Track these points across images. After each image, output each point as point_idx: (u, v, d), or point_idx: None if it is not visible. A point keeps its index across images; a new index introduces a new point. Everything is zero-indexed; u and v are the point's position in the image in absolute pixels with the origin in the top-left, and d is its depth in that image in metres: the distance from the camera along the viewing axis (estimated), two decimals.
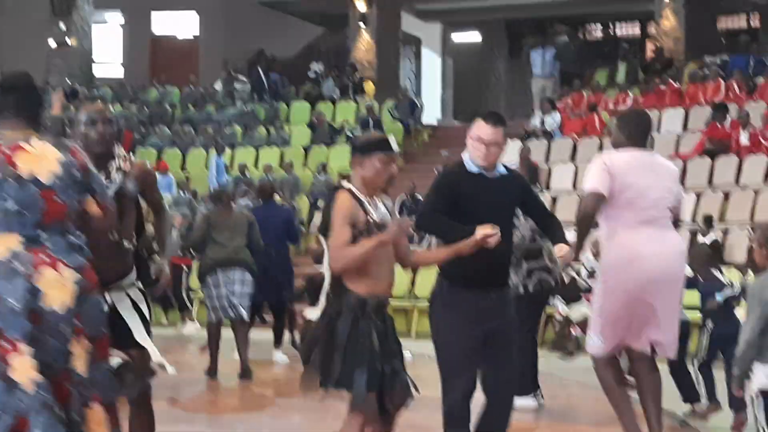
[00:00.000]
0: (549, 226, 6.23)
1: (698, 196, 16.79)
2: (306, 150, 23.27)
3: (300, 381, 5.19)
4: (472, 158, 5.91)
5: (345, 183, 5.28)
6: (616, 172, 6.39)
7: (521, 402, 8.74)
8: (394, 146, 5.33)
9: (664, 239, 6.55)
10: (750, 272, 13.10)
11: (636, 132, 6.66)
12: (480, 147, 5.83)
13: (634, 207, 6.42)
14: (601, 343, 6.56)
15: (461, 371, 5.78)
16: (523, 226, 8.49)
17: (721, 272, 8.76)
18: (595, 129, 19.97)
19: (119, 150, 5.32)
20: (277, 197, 15.40)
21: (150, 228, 5.67)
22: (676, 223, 6.79)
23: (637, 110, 7.83)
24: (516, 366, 6.11)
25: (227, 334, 10.67)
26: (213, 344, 10.77)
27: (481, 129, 5.85)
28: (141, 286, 5.26)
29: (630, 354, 6.76)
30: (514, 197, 6.04)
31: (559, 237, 6.08)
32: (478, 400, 5.90)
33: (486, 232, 5.41)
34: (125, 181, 5.23)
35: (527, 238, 8.67)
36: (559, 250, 6.01)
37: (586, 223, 6.49)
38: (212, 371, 10.57)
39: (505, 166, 6.08)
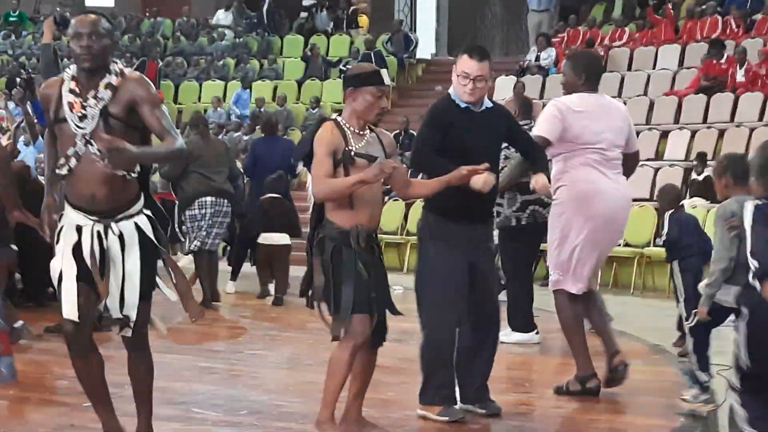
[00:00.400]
0: (533, 158, 6.30)
1: (693, 133, 16.74)
2: (299, 84, 23.13)
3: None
4: (458, 94, 5.92)
5: (334, 115, 5.31)
6: (572, 118, 6.49)
7: (520, 337, 8.80)
8: (387, 80, 5.28)
9: (618, 180, 6.67)
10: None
11: (591, 75, 6.75)
12: (466, 82, 5.83)
13: (590, 149, 6.50)
14: (572, 283, 6.57)
15: (449, 304, 5.79)
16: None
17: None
18: None
19: (116, 66, 4.84)
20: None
21: None
22: (634, 165, 6.96)
23: (590, 52, 7.97)
24: (497, 299, 6.18)
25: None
26: (203, 274, 10.78)
27: (465, 64, 5.84)
28: (150, 212, 5.01)
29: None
30: (501, 131, 6.06)
31: (539, 168, 6.18)
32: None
33: (478, 168, 5.44)
34: (111, 100, 4.73)
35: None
36: (535, 181, 6.11)
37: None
38: (206, 301, 10.55)
39: (490, 100, 6.09)
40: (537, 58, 20.90)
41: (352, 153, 5.18)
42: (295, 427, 5.73)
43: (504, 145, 6.37)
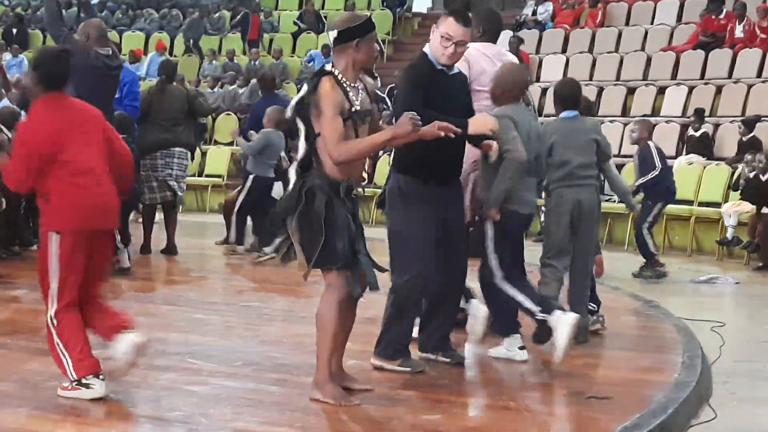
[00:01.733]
0: None
1: (691, 89, 16.68)
2: (294, 37, 23.02)
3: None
4: (435, 55, 5.95)
5: (328, 67, 5.22)
6: (472, 60, 6.63)
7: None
8: None
9: None
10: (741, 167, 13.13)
11: (490, 28, 7.03)
12: (448, 44, 5.87)
13: (484, 92, 6.61)
14: None
15: (418, 263, 5.82)
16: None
17: None
18: (588, 20, 19.76)
19: None
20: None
21: None
22: None
23: (492, 10, 8.31)
24: (465, 255, 6.20)
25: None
26: (147, 223, 11.02)
27: (451, 27, 5.88)
28: None
29: None
30: (468, 94, 6.17)
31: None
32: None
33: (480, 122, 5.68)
34: None
35: None
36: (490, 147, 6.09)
37: None
38: (145, 247, 10.89)
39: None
40: (534, 13, 20.81)
41: (358, 110, 5.16)
42: (289, 378, 5.75)
43: None
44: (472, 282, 6.44)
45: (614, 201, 12.72)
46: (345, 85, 5.18)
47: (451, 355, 6.21)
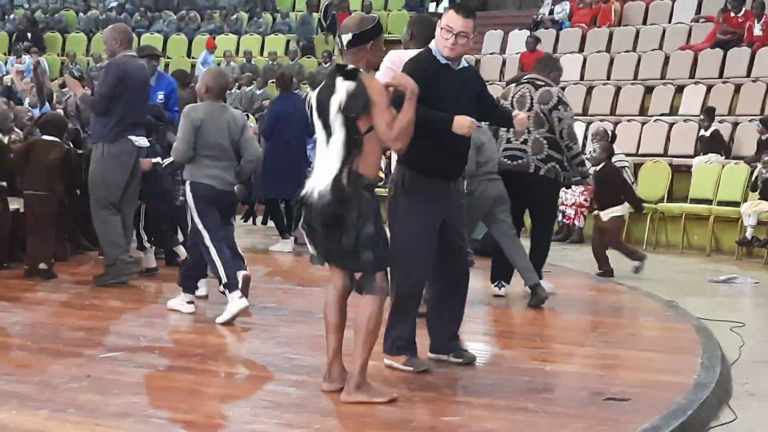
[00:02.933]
0: (498, 116, 6.66)
1: (709, 88, 16.62)
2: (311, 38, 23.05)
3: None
4: (438, 48, 6.00)
5: (348, 66, 5.25)
6: (398, 68, 6.72)
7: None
8: None
9: None
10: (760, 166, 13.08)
11: (419, 33, 7.30)
12: (448, 36, 5.91)
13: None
14: None
15: (420, 258, 5.85)
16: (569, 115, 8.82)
17: None
18: (605, 19, 19.72)
19: None
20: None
21: None
22: None
23: (428, 16, 8.74)
24: (467, 252, 6.31)
25: None
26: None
27: (451, 19, 5.93)
28: None
29: None
30: (474, 89, 6.16)
31: (509, 117, 6.53)
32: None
33: (465, 124, 5.74)
34: None
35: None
36: (515, 116, 6.42)
37: None
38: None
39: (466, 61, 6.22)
40: (551, 12, 20.78)
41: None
42: (308, 380, 5.75)
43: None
44: None
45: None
46: None
47: (462, 354, 6.23)
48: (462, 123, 5.76)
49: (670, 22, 19.16)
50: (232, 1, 24.75)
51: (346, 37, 5.28)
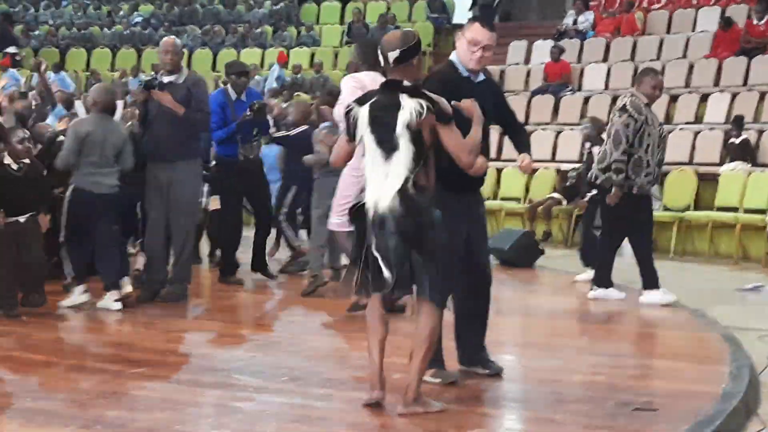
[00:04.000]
0: (516, 135, 6.42)
1: (733, 96, 16.55)
2: (336, 51, 23.11)
3: None
4: (463, 61, 6.02)
5: (406, 83, 5.31)
6: (368, 88, 7.01)
7: (651, 297, 8.92)
8: None
9: None
10: None
11: (373, 57, 7.30)
12: (475, 50, 5.94)
13: None
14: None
15: (448, 271, 5.83)
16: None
17: None
18: (628, 28, 19.67)
19: None
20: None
21: None
22: None
23: (371, 40, 9.09)
24: (489, 264, 6.36)
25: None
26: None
27: (477, 32, 5.95)
28: None
29: None
30: (493, 102, 6.17)
31: (523, 147, 6.29)
32: None
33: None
34: None
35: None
36: (522, 159, 6.19)
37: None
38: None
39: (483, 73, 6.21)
40: (574, 22, 20.75)
41: None
42: (335, 393, 5.76)
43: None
44: None
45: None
46: None
47: (490, 366, 6.23)
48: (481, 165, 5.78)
49: (693, 30, 19.09)
50: (256, 15, 24.83)
51: (393, 54, 5.32)
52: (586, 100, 18.02)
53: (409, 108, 5.18)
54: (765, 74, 16.85)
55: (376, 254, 5.20)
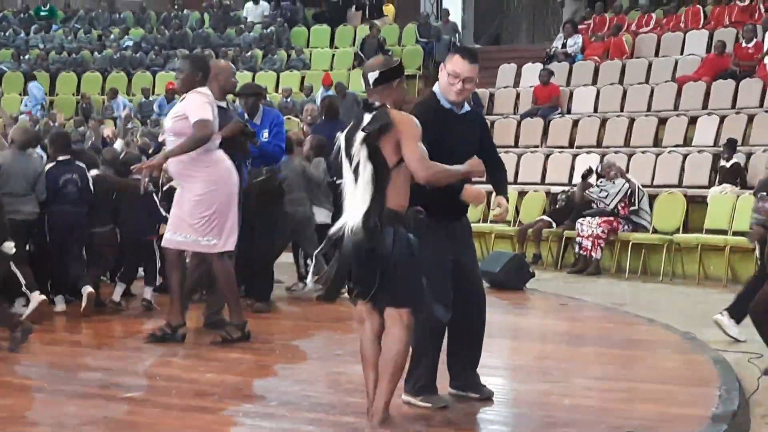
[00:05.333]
0: (495, 171, 6.29)
1: (722, 119, 16.61)
2: (326, 74, 23.16)
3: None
4: (444, 92, 6.01)
5: (376, 103, 5.31)
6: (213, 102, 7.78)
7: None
8: None
9: None
10: None
11: (206, 73, 7.98)
12: (455, 82, 5.92)
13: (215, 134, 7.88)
14: (225, 241, 7.94)
15: (433, 293, 5.84)
16: None
17: None
18: (617, 51, 19.76)
19: None
20: None
21: None
22: None
23: (202, 55, 9.46)
24: (482, 290, 6.27)
25: None
26: None
27: (457, 64, 5.93)
28: None
29: None
30: (476, 134, 6.17)
31: (501, 186, 6.26)
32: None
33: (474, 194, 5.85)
34: None
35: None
36: (498, 202, 6.14)
37: (202, 143, 7.62)
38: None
39: (469, 104, 6.21)
40: (563, 45, 20.83)
41: None
42: (325, 418, 5.74)
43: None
44: None
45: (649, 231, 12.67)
46: None
47: (480, 390, 6.23)
48: (470, 194, 5.87)
49: (682, 53, 19.18)
50: (246, 39, 24.88)
51: (373, 75, 5.34)
52: (576, 123, 18.09)
53: (365, 122, 5.23)
54: (753, 97, 16.94)
55: (342, 267, 5.25)
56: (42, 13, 27.46)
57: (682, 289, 13.02)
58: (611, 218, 14.20)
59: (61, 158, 9.55)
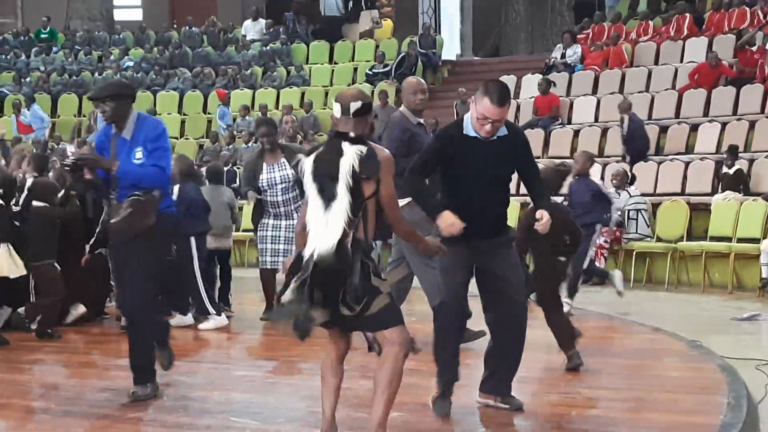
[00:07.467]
0: (535, 191, 6.41)
1: (723, 126, 16.62)
2: (326, 90, 23.22)
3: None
4: (474, 128, 6.08)
5: (351, 134, 5.29)
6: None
7: None
8: None
9: None
10: None
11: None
12: (485, 123, 6.01)
13: None
14: None
15: (445, 286, 6.14)
16: None
17: None
18: (616, 60, 19.78)
19: None
20: None
21: None
22: None
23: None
24: (521, 300, 6.35)
25: None
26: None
27: (487, 109, 5.98)
28: None
29: None
30: (510, 158, 6.18)
31: (542, 200, 6.37)
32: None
33: (449, 222, 5.80)
34: None
35: None
36: (541, 215, 6.21)
37: None
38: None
39: (508, 124, 6.21)
40: (563, 56, 20.85)
41: None
42: None
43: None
44: None
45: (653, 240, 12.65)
46: None
47: (510, 401, 6.28)
48: (446, 220, 5.86)
49: (681, 61, 19.19)
50: (246, 56, 24.92)
51: (355, 105, 5.32)
52: (576, 133, 18.10)
53: (350, 154, 5.17)
54: (754, 104, 16.95)
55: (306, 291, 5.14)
56: (42, 36, 27.54)
57: (687, 297, 13.02)
58: (614, 228, 14.19)
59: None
